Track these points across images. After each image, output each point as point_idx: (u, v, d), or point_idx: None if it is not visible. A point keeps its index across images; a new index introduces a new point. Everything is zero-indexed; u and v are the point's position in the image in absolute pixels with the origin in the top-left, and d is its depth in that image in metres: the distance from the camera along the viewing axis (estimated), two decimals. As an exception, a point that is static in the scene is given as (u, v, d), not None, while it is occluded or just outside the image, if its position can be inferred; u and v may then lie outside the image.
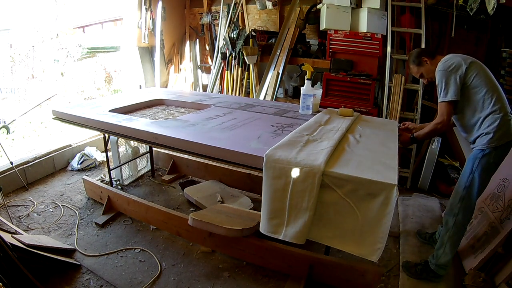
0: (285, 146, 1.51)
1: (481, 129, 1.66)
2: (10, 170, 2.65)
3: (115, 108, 2.24)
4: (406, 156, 3.08)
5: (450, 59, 1.69)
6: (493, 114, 1.61)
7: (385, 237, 1.30)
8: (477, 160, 1.67)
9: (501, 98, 1.63)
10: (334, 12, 3.18)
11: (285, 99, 3.88)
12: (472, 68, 1.64)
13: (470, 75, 1.64)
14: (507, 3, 2.43)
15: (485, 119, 1.64)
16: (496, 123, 1.60)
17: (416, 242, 2.20)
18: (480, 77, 1.63)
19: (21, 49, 5.25)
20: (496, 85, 1.65)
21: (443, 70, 1.67)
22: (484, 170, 1.67)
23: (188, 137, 1.68)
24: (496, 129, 1.60)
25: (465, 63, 1.65)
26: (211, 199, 2.53)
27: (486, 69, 1.69)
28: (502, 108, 1.61)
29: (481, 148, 1.66)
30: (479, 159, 1.67)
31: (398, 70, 3.34)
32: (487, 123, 1.63)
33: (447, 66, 1.66)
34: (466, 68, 1.64)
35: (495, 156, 1.64)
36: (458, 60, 1.67)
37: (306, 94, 2.18)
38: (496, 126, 1.60)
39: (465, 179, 1.72)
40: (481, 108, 1.64)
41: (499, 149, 1.63)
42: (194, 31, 4.75)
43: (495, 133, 1.61)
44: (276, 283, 1.83)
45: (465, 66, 1.64)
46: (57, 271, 1.83)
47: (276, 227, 1.47)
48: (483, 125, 1.65)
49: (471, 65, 1.65)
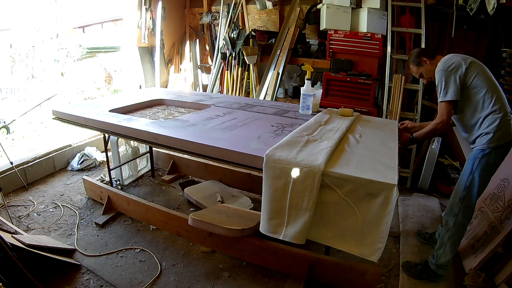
0: (285, 146, 1.51)
1: (481, 129, 1.65)
2: (10, 170, 2.65)
3: (115, 108, 2.24)
4: (406, 156, 3.08)
5: (450, 59, 1.69)
6: (493, 114, 1.61)
7: (385, 237, 1.30)
8: (477, 160, 1.67)
9: (501, 98, 1.63)
10: (334, 12, 3.19)
11: (285, 99, 3.88)
12: (472, 68, 1.64)
13: (470, 75, 1.63)
14: (507, 3, 2.43)
15: (485, 119, 1.63)
16: (496, 123, 1.60)
17: (416, 242, 2.20)
18: (480, 77, 1.63)
19: (21, 49, 5.26)
20: (496, 85, 1.65)
21: (442, 70, 1.67)
22: (484, 170, 1.67)
23: (188, 137, 1.68)
24: (496, 129, 1.60)
25: (465, 63, 1.65)
26: (211, 199, 2.53)
27: (486, 69, 1.68)
28: (502, 108, 1.61)
29: (481, 148, 1.66)
30: (479, 159, 1.66)
31: (398, 70, 3.34)
32: (487, 123, 1.63)
33: (447, 66, 1.66)
34: (466, 68, 1.63)
35: (495, 156, 1.64)
36: (458, 60, 1.66)
37: (306, 94, 2.18)
38: (496, 126, 1.60)
39: (465, 179, 1.72)
40: (481, 108, 1.64)
41: (499, 149, 1.63)
42: (194, 31, 4.75)
43: (495, 133, 1.61)
44: (276, 283, 1.83)
45: (465, 66, 1.64)
46: (57, 271, 1.83)
47: (276, 227, 1.47)
48: (483, 125, 1.64)
49: (471, 65, 1.64)
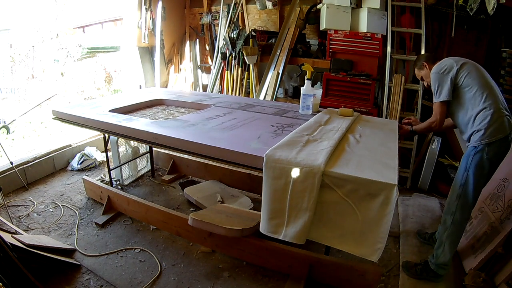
0: (285, 146, 1.51)
1: (474, 126, 1.69)
2: (10, 170, 2.65)
3: (115, 108, 2.24)
4: (406, 156, 3.08)
5: (443, 62, 1.79)
6: (484, 111, 1.65)
7: (385, 237, 1.30)
8: (470, 157, 1.70)
9: (493, 96, 1.66)
10: (334, 12, 3.19)
11: (285, 99, 3.88)
12: (463, 68, 1.71)
13: (461, 75, 1.71)
14: (507, 3, 2.43)
15: (477, 116, 1.67)
16: (487, 119, 1.63)
17: (416, 242, 2.20)
18: (471, 76, 1.69)
19: (21, 49, 5.25)
20: (488, 83, 1.69)
21: (436, 73, 1.76)
22: (478, 167, 1.69)
23: (188, 137, 1.68)
24: (487, 125, 1.64)
25: (457, 64, 1.73)
26: (211, 199, 2.53)
27: (480, 69, 1.74)
28: (493, 105, 1.64)
29: (474, 145, 1.70)
30: (472, 156, 1.69)
31: (398, 70, 3.34)
32: (479, 120, 1.67)
33: (440, 68, 1.76)
34: (457, 69, 1.71)
35: (489, 153, 1.66)
36: (450, 63, 1.75)
37: (306, 94, 2.18)
38: (487, 123, 1.64)
39: (460, 177, 1.75)
40: (473, 106, 1.69)
41: (492, 145, 1.65)
42: (194, 31, 4.75)
43: (486, 130, 1.64)
44: (276, 283, 1.83)
45: (456, 68, 1.72)
46: (57, 271, 1.83)
47: (276, 227, 1.47)
48: (476, 122, 1.68)
49: (462, 66, 1.72)
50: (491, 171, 1.72)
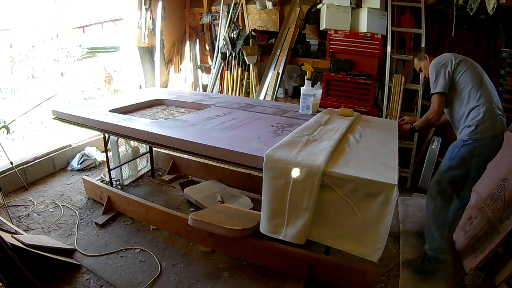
0: (285, 146, 1.51)
1: (466, 122, 1.74)
2: (10, 170, 2.65)
3: (115, 108, 2.24)
4: (406, 156, 3.08)
5: (442, 56, 1.86)
6: (477, 108, 1.70)
7: (385, 237, 1.30)
8: (457, 148, 1.75)
9: (487, 94, 1.70)
10: (334, 12, 3.19)
11: (285, 99, 3.88)
12: (460, 65, 1.77)
13: (458, 71, 1.76)
14: (507, 3, 2.43)
15: (470, 113, 1.72)
16: (479, 116, 1.68)
17: (416, 242, 2.20)
18: (467, 74, 1.74)
19: (21, 49, 5.25)
20: (483, 82, 1.73)
21: (435, 65, 1.83)
22: (461, 160, 1.73)
23: (188, 137, 1.68)
24: (478, 122, 1.68)
25: (455, 60, 1.78)
26: (211, 199, 2.53)
27: (477, 67, 1.78)
28: (486, 103, 1.69)
29: (462, 139, 1.74)
30: (459, 148, 1.74)
31: (398, 70, 3.34)
32: (471, 117, 1.71)
33: (439, 61, 1.83)
34: (455, 64, 1.77)
35: (476, 148, 1.69)
36: (449, 57, 1.81)
37: (306, 94, 2.18)
38: (479, 120, 1.68)
39: (442, 165, 1.82)
40: (467, 102, 1.73)
41: (481, 141, 1.69)
42: (194, 31, 4.75)
43: (477, 126, 1.68)
44: (276, 283, 1.83)
45: (454, 63, 1.77)
46: (57, 271, 1.83)
47: (276, 227, 1.47)
48: (468, 119, 1.73)
49: (460, 63, 1.77)
50: (475, 166, 1.75)
